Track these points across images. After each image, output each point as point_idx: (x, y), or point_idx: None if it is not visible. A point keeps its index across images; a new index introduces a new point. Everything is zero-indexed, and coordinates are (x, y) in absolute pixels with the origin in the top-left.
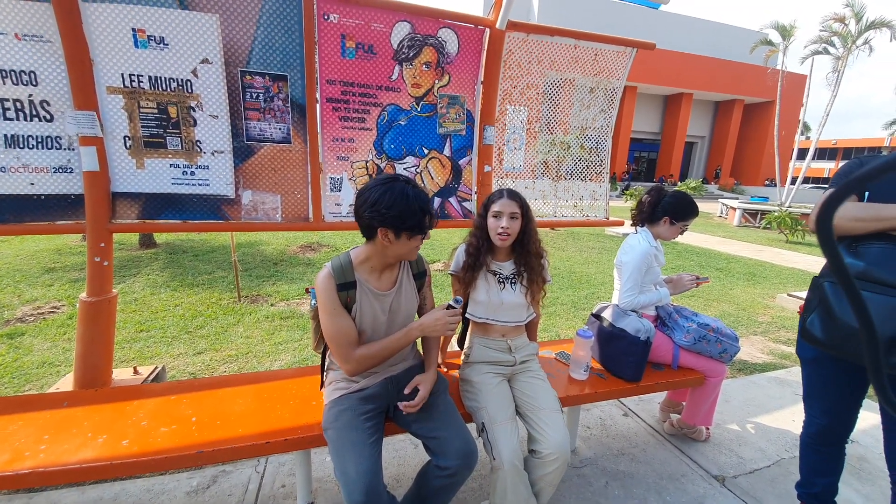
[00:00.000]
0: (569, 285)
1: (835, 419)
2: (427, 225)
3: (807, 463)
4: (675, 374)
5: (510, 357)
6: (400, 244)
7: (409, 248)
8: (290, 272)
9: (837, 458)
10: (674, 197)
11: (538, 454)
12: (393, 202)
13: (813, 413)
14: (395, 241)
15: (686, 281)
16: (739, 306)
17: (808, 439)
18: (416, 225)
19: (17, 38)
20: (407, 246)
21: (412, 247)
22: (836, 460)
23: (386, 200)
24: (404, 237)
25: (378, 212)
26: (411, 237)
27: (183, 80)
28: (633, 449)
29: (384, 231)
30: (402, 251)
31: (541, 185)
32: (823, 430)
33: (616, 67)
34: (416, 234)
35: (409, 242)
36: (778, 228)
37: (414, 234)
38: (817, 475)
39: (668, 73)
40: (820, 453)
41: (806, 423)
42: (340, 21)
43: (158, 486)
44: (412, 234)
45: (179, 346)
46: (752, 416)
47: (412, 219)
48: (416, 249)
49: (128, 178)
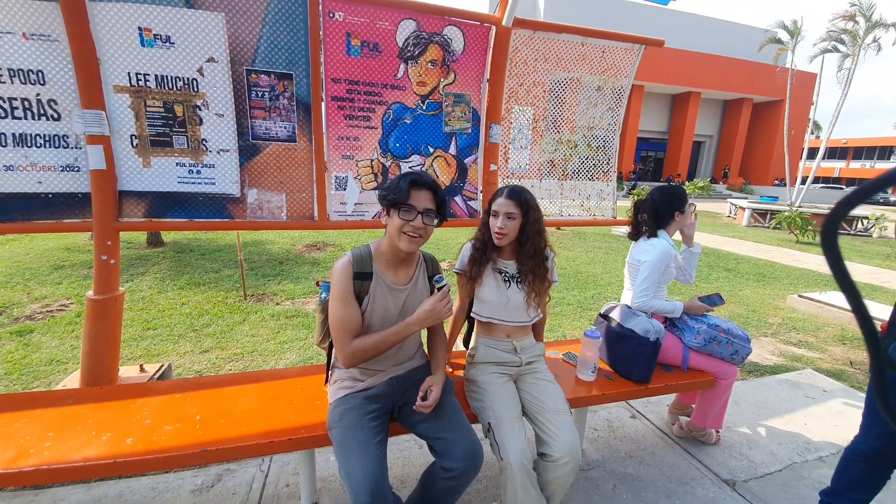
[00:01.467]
0: (575, 285)
1: (891, 445)
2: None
3: (845, 477)
4: (685, 376)
5: (516, 358)
6: (390, 223)
7: (394, 227)
8: (295, 271)
9: (879, 480)
10: (661, 192)
11: (549, 457)
12: (393, 181)
13: (868, 433)
14: (389, 220)
15: (699, 306)
16: (749, 307)
17: (854, 456)
18: (398, 198)
19: (24, 38)
20: (392, 224)
21: (395, 226)
22: (877, 481)
23: (390, 182)
24: (394, 214)
25: (380, 191)
26: (393, 212)
27: (189, 78)
28: (642, 451)
29: (384, 210)
30: (390, 231)
31: (547, 185)
32: (875, 452)
33: (624, 65)
34: (397, 208)
35: (392, 219)
36: (788, 229)
37: (398, 209)
38: (852, 490)
39: (676, 71)
40: (864, 472)
41: (858, 441)
42: (346, 19)
43: (163, 484)
44: (398, 209)
45: (186, 345)
46: (762, 419)
47: (395, 191)
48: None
49: (134, 176)
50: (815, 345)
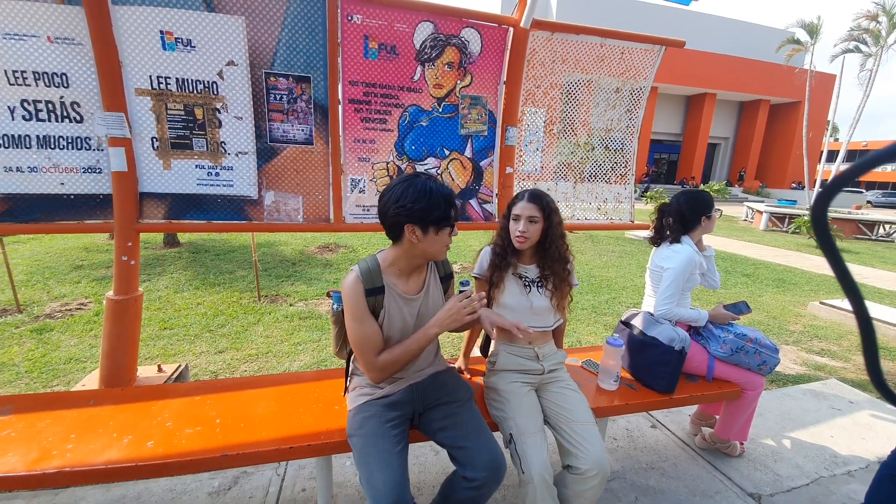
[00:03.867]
0: (588, 290)
1: None
2: (453, 216)
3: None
4: (711, 387)
5: (538, 365)
6: (428, 241)
7: (439, 245)
8: (308, 273)
9: None
10: (688, 196)
11: (575, 469)
12: (417, 196)
13: None
14: (423, 238)
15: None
16: (769, 314)
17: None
18: (441, 216)
19: (49, 41)
20: (436, 242)
21: (441, 243)
22: None
23: (410, 195)
24: (431, 232)
25: (404, 207)
26: (438, 231)
27: (209, 81)
28: (663, 463)
29: (411, 228)
30: (431, 248)
31: (563, 188)
32: None
33: (643, 66)
34: (444, 227)
35: (438, 238)
36: (807, 233)
37: (441, 228)
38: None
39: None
40: None
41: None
42: (363, 22)
43: (181, 486)
44: (439, 228)
45: (202, 345)
46: (787, 431)
47: (437, 210)
48: (445, 248)
49: (155, 178)
50: (839, 354)
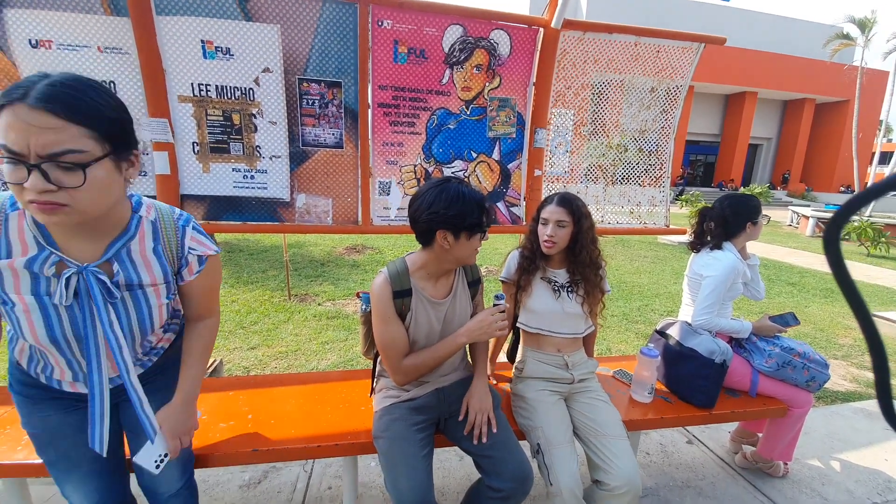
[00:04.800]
0: (619, 296)
1: None
2: (485, 222)
3: None
4: (754, 403)
5: (567, 374)
6: (459, 246)
7: (470, 250)
8: (336, 273)
9: None
10: (732, 200)
11: (605, 485)
12: (450, 202)
13: None
14: (455, 244)
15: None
16: (816, 326)
17: None
18: (475, 223)
19: (99, 51)
20: (468, 247)
21: (472, 248)
22: None
23: (443, 201)
24: (464, 237)
25: (436, 213)
26: (471, 237)
27: (246, 88)
28: (700, 481)
29: (443, 233)
30: (462, 253)
31: (593, 190)
32: None
33: (680, 65)
34: (476, 233)
35: (469, 243)
36: (858, 240)
37: (473, 234)
38: None
39: (731, 70)
40: None
41: None
42: (394, 27)
43: (213, 478)
44: (471, 234)
45: (235, 341)
46: (836, 452)
47: (471, 216)
48: (475, 252)
49: (195, 181)
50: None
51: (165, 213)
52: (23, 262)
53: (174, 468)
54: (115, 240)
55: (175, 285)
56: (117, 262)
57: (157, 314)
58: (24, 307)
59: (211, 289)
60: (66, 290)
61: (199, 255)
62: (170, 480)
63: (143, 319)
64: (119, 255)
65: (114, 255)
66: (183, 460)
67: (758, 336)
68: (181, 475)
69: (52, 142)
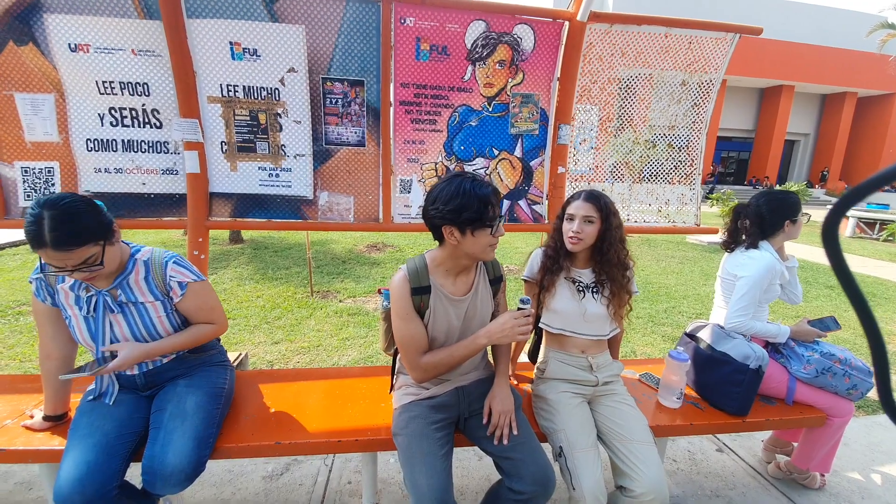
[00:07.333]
0: (645, 297)
1: None
2: (489, 216)
3: None
4: (791, 411)
5: (592, 377)
6: (467, 241)
7: (480, 246)
8: (357, 270)
9: None
10: (770, 196)
11: (630, 492)
12: (450, 197)
13: None
14: (462, 239)
15: (808, 331)
16: (856, 332)
17: None
18: (475, 217)
19: (133, 54)
20: (476, 243)
21: (482, 244)
22: None
23: (444, 196)
24: (468, 233)
25: (437, 209)
26: (475, 232)
27: (272, 88)
28: (731, 491)
29: (448, 229)
30: (472, 249)
31: (619, 189)
32: None
33: (714, 56)
34: (480, 228)
35: (477, 239)
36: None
37: (477, 228)
38: None
39: (765, 63)
40: None
41: None
42: (416, 24)
43: (238, 468)
44: (475, 229)
45: (260, 335)
46: (877, 465)
47: (469, 210)
48: (489, 248)
49: (223, 179)
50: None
51: (157, 254)
52: (67, 286)
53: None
54: (119, 275)
55: (171, 304)
56: (120, 289)
57: (160, 323)
58: (74, 315)
59: (200, 308)
60: (87, 305)
61: (178, 282)
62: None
63: (148, 325)
64: (122, 284)
65: (118, 285)
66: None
67: (795, 341)
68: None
69: (74, 260)
